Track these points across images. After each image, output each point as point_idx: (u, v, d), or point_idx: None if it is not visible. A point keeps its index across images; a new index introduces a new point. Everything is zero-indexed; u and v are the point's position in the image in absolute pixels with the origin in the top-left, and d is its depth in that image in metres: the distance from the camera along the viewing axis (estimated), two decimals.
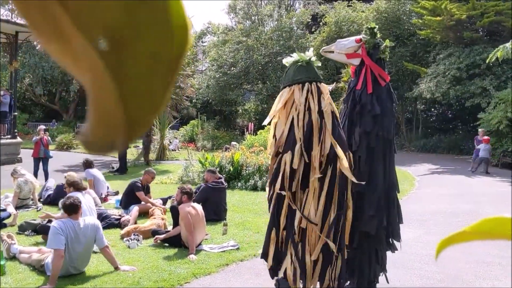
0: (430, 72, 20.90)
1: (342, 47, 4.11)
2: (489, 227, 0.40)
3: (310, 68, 3.93)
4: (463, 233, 0.42)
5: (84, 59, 0.35)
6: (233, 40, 29.97)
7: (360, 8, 25.98)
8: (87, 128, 0.38)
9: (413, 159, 19.27)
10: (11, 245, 5.67)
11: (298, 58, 3.95)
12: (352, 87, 4.13)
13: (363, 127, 3.96)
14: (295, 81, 3.85)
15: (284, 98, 3.82)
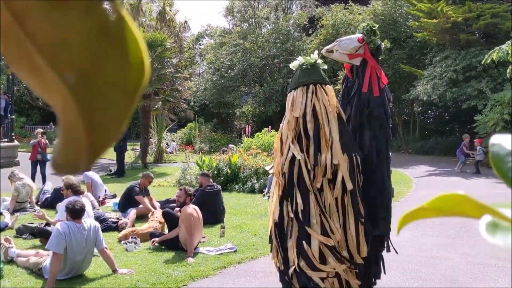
0: (426, 75, 20.96)
1: (345, 47, 4.03)
2: (444, 203, 0.43)
3: (315, 70, 3.94)
4: (421, 209, 0.44)
5: (55, 90, 0.39)
6: (230, 43, 30.03)
7: (357, 10, 26.07)
8: (56, 151, 0.43)
9: (410, 161, 19.32)
10: (8, 248, 5.67)
11: (304, 61, 3.97)
12: (356, 88, 4.02)
13: (373, 130, 3.95)
14: (300, 83, 3.88)
15: (290, 103, 3.86)
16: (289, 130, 3.79)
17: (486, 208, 0.41)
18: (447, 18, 19.96)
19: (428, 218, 0.47)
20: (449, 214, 0.43)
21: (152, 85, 16.17)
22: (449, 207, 0.43)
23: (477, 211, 0.42)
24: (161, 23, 19.17)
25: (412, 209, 0.45)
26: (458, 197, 0.42)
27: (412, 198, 10.97)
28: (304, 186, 3.69)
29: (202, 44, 37.93)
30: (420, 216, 0.44)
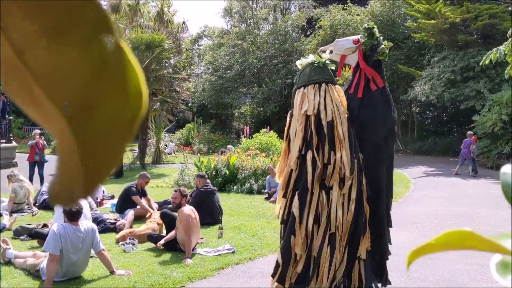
0: (424, 75, 21.00)
1: (340, 48, 4.06)
2: (451, 239, 0.45)
3: (326, 70, 3.95)
4: (429, 245, 0.46)
5: (54, 121, 0.40)
6: (229, 44, 30.04)
7: (355, 11, 26.09)
8: (53, 181, 0.43)
9: (408, 161, 19.34)
10: (6, 250, 5.66)
11: (314, 59, 3.98)
12: (345, 90, 4.12)
13: (355, 131, 3.96)
14: (311, 81, 3.88)
15: (300, 100, 3.84)
16: (299, 127, 3.77)
17: (492, 244, 0.43)
18: (445, 19, 20.00)
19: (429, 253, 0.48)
20: (457, 248, 0.45)
21: (151, 86, 16.16)
22: (456, 242, 0.45)
23: (483, 246, 0.43)
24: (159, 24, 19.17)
25: (420, 245, 0.47)
26: (465, 233, 0.44)
27: (410, 199, 10.97)
28: (305, 185, 3.67)
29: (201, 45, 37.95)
30: (428, 251, 0.46)
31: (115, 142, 0.40)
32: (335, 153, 3.69)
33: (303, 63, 4.04)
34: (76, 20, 0.38)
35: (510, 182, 0.47)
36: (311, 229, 3.64)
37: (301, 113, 3.78)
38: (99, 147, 0.40)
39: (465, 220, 8.42)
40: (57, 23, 0.37)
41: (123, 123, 0.40)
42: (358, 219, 3.76)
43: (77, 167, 0.40)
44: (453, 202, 10.33)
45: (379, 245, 4.07)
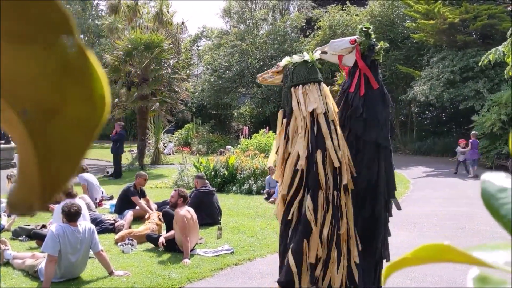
0: (424, 75, 21.01)
1: (335, 48, 4.03)
2: (428, 253, 0.43)
3: (318, 69, 3.97)
4: (405, 259, 0.44)
5: (15, 127, 0.38)
6: (228, 44, 30.04)
7: (354, 12, 26.10)
8: (13, 189, 0.41)
9: (407, 161, 19.34)
10: (4, 250, 5.65)
11: (308, 57, 3.94)
12: (345, 89, 4.08)
13: (354, 131, 3.95)
14: (310, 79, 3.84)
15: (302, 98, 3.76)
16: (304, 126, 3.70)
17: (470, 257, 0.41)
18: (444, 19, 20.01)
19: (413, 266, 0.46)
20: (434, 262, 0.44)
21: (150, 86, 16.15)
22: (433, 255, 0.43)
23: (462, 259, 0.42)
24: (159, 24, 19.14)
25: (396, 260, 0.45)
26: (441, 247, 0.42)
27: (409, 199, 10.97)
28: (316, 184, 3.61)
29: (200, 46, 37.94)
30: (404, 265, 0.45)
31: (75, 149, 0.39)
32: (341, 151, 3.69)
33: (293, 60, 3.98)
34: (34, 22, 0.36)
35: (491, 189, 0.45)
36: (327, 232, 3.59)
37: (307, 111, 3.70)
38: (58, 154, 0.38)
39: (464, 220, 8.41)
40: (13, 25, 0.36)
41: (84, 129, 0.38)
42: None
43: (35, 175, 0.38)
44: (452, 203, 10.33)
45: (372, 247, 4.02)
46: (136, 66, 16.54)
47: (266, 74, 4.26)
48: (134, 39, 16.14)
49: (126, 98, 16.09)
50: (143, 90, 15.89)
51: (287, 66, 4.01)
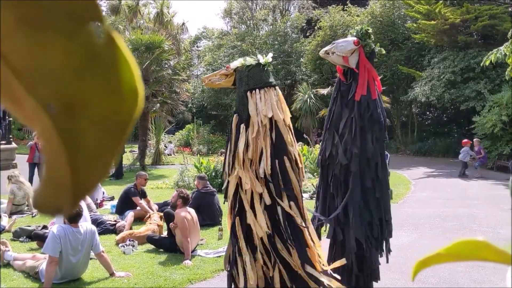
0: (425, 76, 21.00)
1: (342, 49, 3.97)
2: (463, 249, 0.41)
3: (272, 72, 3.86)
4: (438, 255, 0.42)
5: (37, 121, 0.35)
6: (228, 45, 30.06)
7: (355, 12, 26.10)
8: (39, 188, 0.38)
9: (408, 162, 19.32)
10: (5, 252, 5.63)
11: (263, 60, 3.77)
12: (354, 91, 3.93)
13: (374, 133, 3.90)
14: (266, 83, 3.69)
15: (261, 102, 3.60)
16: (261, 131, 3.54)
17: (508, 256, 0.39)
18: (445, 20, 20.00)
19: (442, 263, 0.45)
20: (468, 259, 0.42)
21: (150, 87, 16.14)
22: (468, 253, 0.41)
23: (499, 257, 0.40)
24: (159, 25, 19.16)
25: (429, 255, 0.43)
26: (478, 243, 0.40)
27: (410, 200, 10.95)
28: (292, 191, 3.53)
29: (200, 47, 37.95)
30: (437, 261, 0.43)
31: (107, 145, 0.36)
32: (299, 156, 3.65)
33: (246, 62, 3.79)
34: (60, 8, 0.33)
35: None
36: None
37: (266, 117, 3.55)
38: (89, 150, 0.35)
39: (466, 221, 8.39)
40: (38, 11, 0.33)
41: (115, 124, 0.35)
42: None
43: (65, 172, 0.35)
44: (454, 203, 10.31)
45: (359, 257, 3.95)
46: None
47: (213, 77, 4.00)
48: (135, 40, 16.14)
49: None
50: (144, 91, 15.89)
51: (238, 68, 3.80)
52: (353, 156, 3.84)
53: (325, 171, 4.09)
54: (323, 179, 4.12)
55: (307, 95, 24.27)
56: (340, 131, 3.97)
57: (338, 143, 3.94)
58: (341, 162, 3.89)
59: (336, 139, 3.96)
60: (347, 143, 3.89)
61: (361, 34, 4.06)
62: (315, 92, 24.04)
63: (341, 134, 3.96)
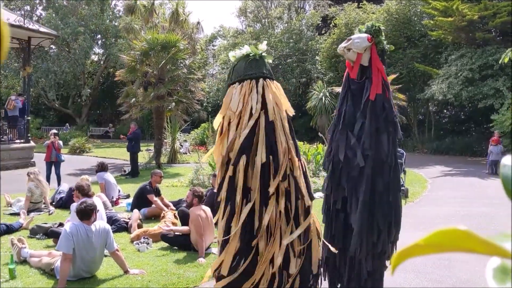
0: (442, 73, 20.71)
1: (358, 46, 3.83)
2: (443, 239, 0.38)
3: (263, 63, 3.55)
4: (416, 246, 0.39)
5: None
6: (243, 43, 30.03)
7: (370, 9, 25.88)
8: None
9: (425, 161, 19.08)
10: (21, 249, 5.71)
11: (250, 51, 3.54)
12: (369, 90, 3.79)
13: (390, 134, 3.81)
14: (247, 76, 3.45)
15: (234, 97, 3.43)
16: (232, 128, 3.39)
17: (492, 246, 0.36)
18: (462, 16, 19.69)
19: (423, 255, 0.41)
20: (450, 250, 0.39)
21: (166, 86, 16.22)
22: (449, 243, 0.38)
23: (481, 248, 0.37)
24: (175, 24, 19.22)
25: (406, 247, 0.40)
26: (460, 233, 0.37)
27: (427, 199, 10.81)
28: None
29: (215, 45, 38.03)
30: (416, 253, 0.39)
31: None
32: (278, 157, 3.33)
33: (236, 55, 3.59)
34: None
35: (511, 175, 0.40)
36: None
37: (235, 112, 3.36)
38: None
39: (484, 220, 8.25)
40: None
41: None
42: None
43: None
44: (472, 203, 10.14)
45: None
46: (152, 66, 16.63)
47: None
48: (151, 39, 16.23)
49: (143, 98, 16.19)
50: (160, 90, 15.97)
51: (233, 63, 3.63)
52: (368, 158, 3.73)
53: (338, 173, 3.90)
54: (334, 182, 3.93)
55: (322, 93, 24.13)
56: (356, 132, 3.81)
57: (355, 145, 3.76)
58: (359, 165, 3.73)
59: (353, 140, 3.79)
60: (364, 144, 3.75)
61: (373, 30, 3.94)
62: (331, 90, 23.88)
63: (358, 136, 3.79)
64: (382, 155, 3.78)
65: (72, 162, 16.35)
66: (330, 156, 3.99)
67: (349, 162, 3.82)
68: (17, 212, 8.28)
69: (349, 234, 3.83)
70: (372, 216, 3.75)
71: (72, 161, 16.98)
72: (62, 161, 11.98)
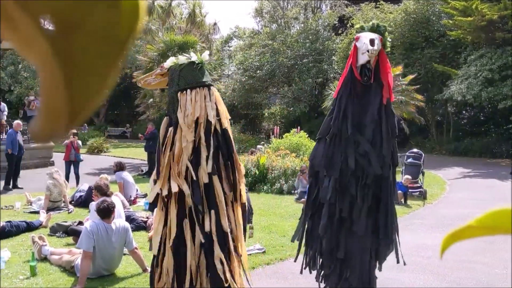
0: (461, 74, 20.43)
1: (379, 45, 3.66)
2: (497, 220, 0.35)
3: (206, 72, 3.66)
4: (469, 227, 0.37)
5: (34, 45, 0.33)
6: (259, 44, 30.09)
7: (388, 9, 25.65)
8: (36, 117, 0.37)
9: (443, 162, 18.85)
10: (42, 246, 5.81)
11: (196, 58, 3.60)
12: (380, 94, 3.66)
13: (397, 139, 3.81)
14: (200, 83, 3.51)
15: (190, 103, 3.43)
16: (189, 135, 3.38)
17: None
18: (482, 16, 19.41)
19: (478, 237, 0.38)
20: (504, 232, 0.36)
21: None
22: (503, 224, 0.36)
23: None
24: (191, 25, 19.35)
25: (458, 228, 0.38)
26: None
27: (446, 201, 10.68)
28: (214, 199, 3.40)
29: (231, 46, 38.15)
30: (467, 235, 0.38)
31: (104, 62, 0.34)
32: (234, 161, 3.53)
33: (179, 61, 3.61)
34: None
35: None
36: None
37: (193, 119, 3.38)
38: (86, 69, 0.34)
39: None
40: None
41: (114, 39, 0.33)
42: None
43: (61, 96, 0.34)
44: (491, 205, 9.91)
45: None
46: None
47: (149, 77, 3.81)
48: (169, 41, 16.36)
49: (160, 98, 16.32)
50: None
51: (172, 68, 3.61)
52: (384, 164, 3.61)
53: (345, 180, 3.65)
54: (340, 190, 3.66)
55: None
56: (369, 137, 3.64)
57: (370, 151, 3.59)
58: (376, 173, 3.57)
59: (366, 146, 3.61)
60: (381, 150, 3.61)
61: (382, 30, 3.79)
62: None
63: (373, 142, 3.63)
64: (395, 160, 3.76)
65: (90, 162, 16.55)
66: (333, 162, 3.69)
67: (361, 169, 3.62)
68: (37, 211, 8.41)
69: (355, 242, 3.68)
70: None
71: (90, 161, 17.20)
72: (81, 161, 12.15)
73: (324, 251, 3.78)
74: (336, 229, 3.72)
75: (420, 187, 10.83)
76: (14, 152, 11.63)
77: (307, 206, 3.96)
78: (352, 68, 3.72)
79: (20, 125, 12.39)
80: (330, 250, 3.75)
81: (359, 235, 3.65)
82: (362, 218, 3.64)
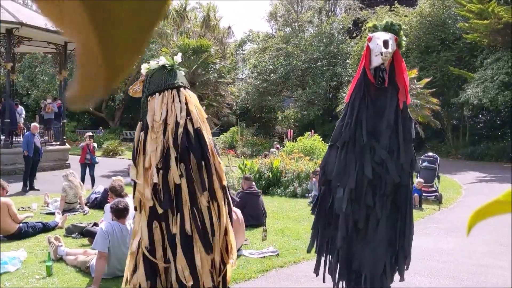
0: (477, 77, 20.21)
1: (393, 46, 3.56)
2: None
3: (180, 73, 3.70)
4: (496, 202, 0.35)
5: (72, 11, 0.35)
6: (273, 47, 30.14)
7: (403, 12, 25.52)
8: (72, 83, 0.39)
9: (459, 166, 18.64)
10: (58, 247, 5.87)
11: (167, 62, 3.66)
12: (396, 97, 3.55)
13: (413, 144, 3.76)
14: (167, 85, 3.53)
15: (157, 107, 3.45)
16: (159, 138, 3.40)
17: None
18: (498, 19, 19.18)
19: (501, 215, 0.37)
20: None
21: (197, 90, 16.44)
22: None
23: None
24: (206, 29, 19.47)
25: (485, 204, 0.36)
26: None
27: (461, 205, 10.56)
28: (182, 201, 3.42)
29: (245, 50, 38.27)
30: (495, 211, 0.36)
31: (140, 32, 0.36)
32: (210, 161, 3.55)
33: (151, 67, 3.67)
34: None
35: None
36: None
37: (160, 122, 3.39)
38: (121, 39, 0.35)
39: None
40: None
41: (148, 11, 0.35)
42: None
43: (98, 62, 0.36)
44: None
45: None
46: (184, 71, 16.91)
47: (135, 86, 3.89)
48: (183, 45, 16.49)
49: None
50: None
51: (146, 74, 3.67)
52: (403, 171, 3.51)
53: (362, 190, 3.51)
54: (356, 199, 3.54)
55: None
56: (385, 144, 3.51)
57: (387, 159, 3.47)
58: (394, 181, 3.46)
59: (382, 153, 3.49)
60: (399, 158, 3.50)
61: (397, 28, 3.66)
62: None
63: (389, 149, 3.51)
64: (414, 167, 3.69)
65: (105, 164, 16.71)
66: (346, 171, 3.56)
67: (378, 178, 3.51)
68: (53, 212, 8.51)
69: (370, 252, 3.59)
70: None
71: (106, 163, 17.35)
72: (96, 163, 12.26)
73: (341, 260, 3.72)
74: (352, 239, 3.63)
75: (436, 191, 10.72)
76: (30, 154, 11.79)
77: (321, 214, 3.86)
78: (366, 70, 3.59)
79: (37, 128, 12.55)
80: (346, 260, 3.69)
81: (375, 246, 3.55)
82: (380, 228, 3.53)
